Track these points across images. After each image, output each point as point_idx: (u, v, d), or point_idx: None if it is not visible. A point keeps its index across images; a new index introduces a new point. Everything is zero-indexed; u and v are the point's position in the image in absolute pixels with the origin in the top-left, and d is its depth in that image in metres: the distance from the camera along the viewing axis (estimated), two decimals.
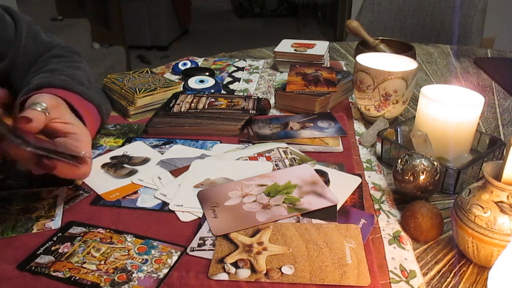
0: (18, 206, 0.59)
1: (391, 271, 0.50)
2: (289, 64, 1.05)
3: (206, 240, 0.53)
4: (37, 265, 0.49)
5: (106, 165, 0.69)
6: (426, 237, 0.54)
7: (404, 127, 0.76)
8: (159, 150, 0.73)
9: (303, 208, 0.58)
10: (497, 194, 0.47)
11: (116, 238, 0.53)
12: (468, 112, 0.66)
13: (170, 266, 0.49)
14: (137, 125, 0.82)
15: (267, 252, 0.51)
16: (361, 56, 0.85)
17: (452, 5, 1.61)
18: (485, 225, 0.47)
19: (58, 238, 0.53)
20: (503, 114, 0.92)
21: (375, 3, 1.67)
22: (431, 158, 0.59)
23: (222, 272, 0.48)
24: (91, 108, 0.71)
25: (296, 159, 0.70)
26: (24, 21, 0.76)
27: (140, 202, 0.60)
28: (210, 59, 1.22)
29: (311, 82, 0.92)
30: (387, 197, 0.63)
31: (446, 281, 0.49)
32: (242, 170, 0.67)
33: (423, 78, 1.11)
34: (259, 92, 0.99)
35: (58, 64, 0.74)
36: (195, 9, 4.87)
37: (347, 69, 1.14)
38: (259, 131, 0.78)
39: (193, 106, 0.84)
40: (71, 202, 0.60)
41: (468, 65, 1.21)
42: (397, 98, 0.80)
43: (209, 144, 0.76)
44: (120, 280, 0.47)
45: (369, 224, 0.56)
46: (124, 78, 0.92)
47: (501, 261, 0.41)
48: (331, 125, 0.80)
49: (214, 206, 0.58)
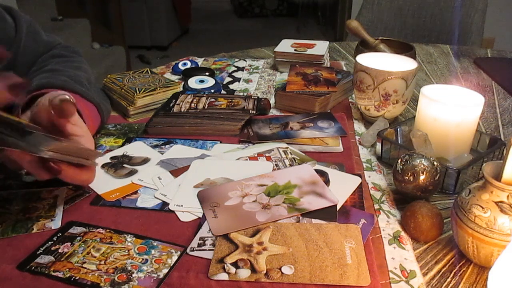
0: (18, 206, 0.59)
1: (391, 271, 0.50)
2: (289, 64, 1.05)
3: (206, 240, 0.53)
4: (37, 265, 0.49)
5: (106, 165, 0.69)
6: (426, 237, 0.54)
7: (404, 127, 0.76)
8: (159, 150, 0.73)
9: (303, 208, 0.58)
10: (497, 194, 0.47)
11: (116, 238, 0.53)
12: (468, 112, 0.66)
13: (170, 266, 0.49)
14: (137, 125, 0.82)
15: (267, 252, 0.51)
16: (361, 56, 0.85)
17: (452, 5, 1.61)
18: (485, 225, 0.47)
19: (58, 238, 0.53)
20: (503, 114, 0.92)
21: (375, 3, 1.67)
22: (431, 158, 0.59)
23: (222, 272, 0.48)
24: (91, 108, 0.71)
25: (296, 159, 0.70)
26: (25, 21, 0.76)
27: (140, 202, 0.60)
28: (210, 59, 1.22)
29: (311, 82, 0.92)
30: (387, 197, 0.63)
31: (446, 281, 0.49)
32: (242, 170, 0.67)
33: (423, 78, 1.11)
34: (259, 92, 0.99)
35: (58, 64, 0.74)
36: (195, 9, 4.87)
37: (347, 69, 1.14)
38: (259, 131, 0.78)
39: (193, 106, 0.84)
40: (71, 202, 0.60)
41: (468, 65, 1.21)
42: (397, 98, 0.80)
43: (209, 144, 0.76)
44: (120, 280, 0.47)
45: (369, 224, 0.56)
46: (124, 78, 0.92)
47: (501, 261, 0.41)
48: (331, 125, 0.80)
49: (214, 206, 0.58)
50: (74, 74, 0.72)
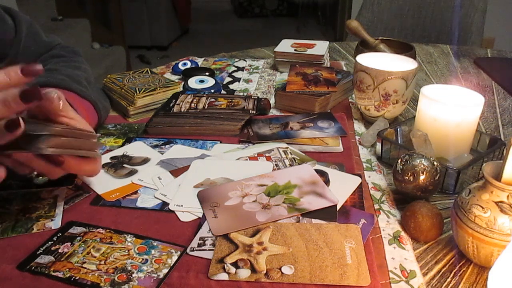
0: (18, 206, 0.59)
1: (391, 271, 0.50)
2: (289, 64, 1.04)
3: (206, 240, 0.53)
4: (37, 265, 0.49)
5: (106, 165, 0.69)
6: (426, 237, 0.54)
7: (404, 127, 0.76)
8: (159, 150, 0.73)
9: (303, 208, 0.58)
10: (497, 194, 0.47)
11: (116, 238, 0.53)
12: (468, 112, 0.66)
13: (170, 266, 0.49)
14: (137, 125, 0.82)
15: (267, 252, 0.51)
16: (361, 56, 0.85)
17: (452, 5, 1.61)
18: (485, 225, 0.47)
19: (58, 238, 0.53)
20: (503, 114, 0.92)
21: (375, 3, 1.67)
22: (431, 158, 0.59)
23: (222, 272, 0.48)
24: (88, 106, 0.71)
25: (296, 159, 0.70)
26: (24, 21, 0.76)
27: (140, 202, 0.60)
28: (210, 59, 1.22)
29: (311, 82, 0.92)
30: (387, 197, 0.63)
31: (446, 281, 0.49)
32: (242, 170, 0.67)
33: (423, 78, 1.11)
34: (259, 92, 0.99)
35: (57, 64, 0.74)
36: (195, 9, 4.87)
37: (347, 69, 1.14)
38: (259, 131, 0.78)
39: (193, 106, 0.84)
40: (71, 202, 0.60)
41: (468, 65, 1.21)
42: (397, 98, 0.80)
43: (209, 144, 0.76)
44: (120, 280, 0.47)
45: (369, 224, 0.56)
46: (124, 78, 0.92)
47: (501, 261, 0.41)
48: (331, 125, 0.80)
49: (214, 206, 0.58)
50: (73, 73, 0.72)
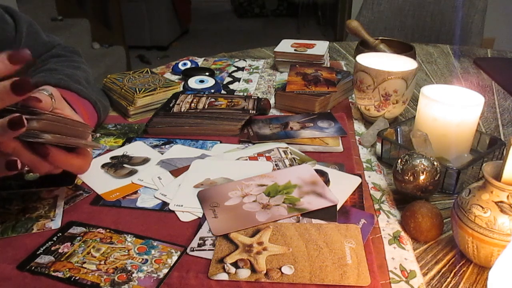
0: (18, 206, 0.59)
1: (391, 271, 0.50)
2: (289, 64, 1.05)
3: (206, 240, 0.53)
4: (37, 265, 0.49)
5: (106, 165, 0.69)
6: (426, 237, 0.54)
7: (404, 127, 0.76)
8: (159, 150, 0.73)
9: (303, 208, 0.58)
10: (497, 194, 0.47)
11: (116, 238, 0.53)
12: (468, 112, 0.66)
13: (170, 266, 0.49)
14: (137, 125, 0.82)
15: (267, 252, 0.51)
16: (361, 56, 0.85)
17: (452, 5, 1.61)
18: (485, 225, 0.47)
19: (58, 238, 0.53)
20: (503, 114, 0.92)
21: (375, 3, 1.67)
22: (431, 158, 0.59)
23: (222, 272, 0.48)
24: (87, 106, 0.71)
25: (296, 159, 0.70)
26: (24, 21, 0.76)
27: (140, 202, 0.60)
28: (210, 59, 1.22)
29: (311, 82, 0.92)
30: (387, 197, 0.63)
31: (446, 281, 0.49)
32: (242, 170, 0.67)
33: (423, 78, 1.11)
34: (259, 92, 0.99)
35: (56, 64, 0.74)
36: (195, 9, 4.87)
37: (347, 69, 1.14)
38: (259, 131, 0.78)
39: (193, 106, 0.84)
40: (71, 202, 0.60)
41: (468, 65, 1.21)
42: (397, 98, 0.80)
43: (209, 144, 0.76)
44: (120, 280, 0.47)
45: (369, 224, 0.56)
46: (124, 78, 0.92)
47: (501, 261, 0.41)
48: (331, 125, 0.80)
49: (214, 206, 0.58)
50: (72, 73, 0.72)
